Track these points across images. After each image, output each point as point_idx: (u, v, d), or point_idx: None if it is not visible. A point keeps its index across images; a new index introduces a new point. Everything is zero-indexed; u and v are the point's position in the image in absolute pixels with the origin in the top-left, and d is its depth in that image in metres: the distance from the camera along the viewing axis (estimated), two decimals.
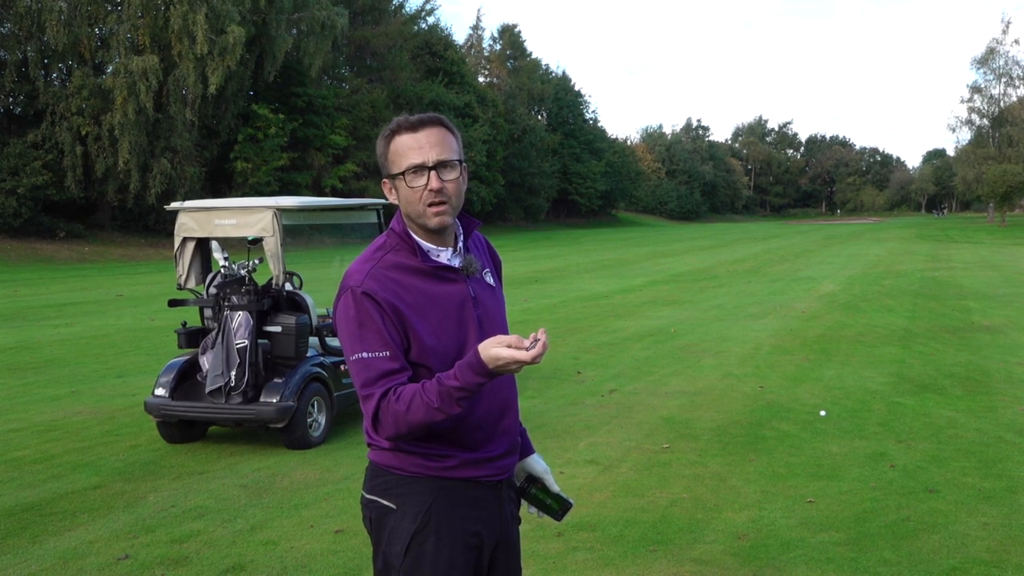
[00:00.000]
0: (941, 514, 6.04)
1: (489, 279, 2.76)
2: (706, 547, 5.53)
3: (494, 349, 2.38)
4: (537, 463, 2.98)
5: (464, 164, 2.63)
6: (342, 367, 8.63)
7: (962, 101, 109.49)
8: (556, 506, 2.95)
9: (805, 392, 10.06)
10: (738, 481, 6.87)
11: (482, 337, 2.56)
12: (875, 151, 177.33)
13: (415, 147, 2.54)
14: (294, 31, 52.04)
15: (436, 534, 2.59)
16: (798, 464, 7.28)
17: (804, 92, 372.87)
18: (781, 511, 6.16)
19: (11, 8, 41.85)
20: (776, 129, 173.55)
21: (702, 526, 5.91)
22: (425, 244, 2.60)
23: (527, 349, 2.37)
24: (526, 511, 2.95)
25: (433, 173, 2.52)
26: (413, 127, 2.57)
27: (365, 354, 2.48)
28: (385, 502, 2.64)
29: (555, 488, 2.95)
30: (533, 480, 2.93)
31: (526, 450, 2.98)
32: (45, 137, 41.76)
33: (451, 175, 2.56)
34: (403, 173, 2.53)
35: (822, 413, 8.98)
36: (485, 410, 2.62)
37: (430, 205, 2.53)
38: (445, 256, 2.63)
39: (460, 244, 2.68)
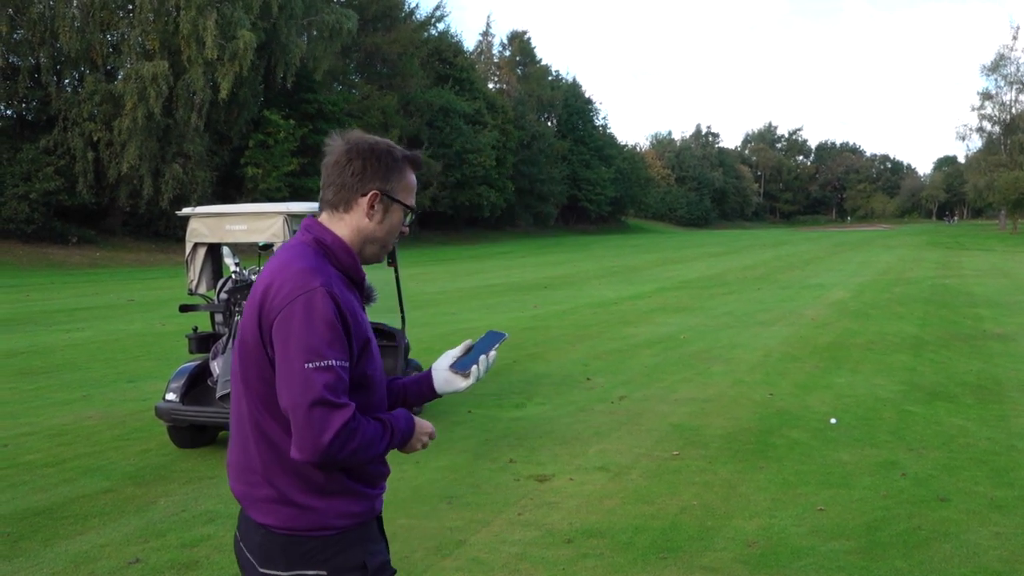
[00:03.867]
0: (953, 523, 6.02)
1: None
2: (716, 555, 5.52)
3: (429, 426, 2.59)
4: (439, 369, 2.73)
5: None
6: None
7: (973, 108, 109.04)
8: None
9: (815, 400, 10.04)
10: (748, 489, 6.86)
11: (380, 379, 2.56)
12: (885, 158, 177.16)
13: (414, 189, 2.59)
14: (304, 36, 52.18)
15: None
16: (808, 472, 7.26)
17: (814, 99, 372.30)
18: (791, 519, 6.15)
19: (25, 14, 42.03)
20: (786, 136, 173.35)
21: (712, 533, 5.90)
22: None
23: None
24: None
25: (410, 218, 2.61)
26: (418, 167, 2.61)
27: (334, 362, 2.25)
28: (312, 572, 2.36)
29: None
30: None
31: (424, 379, 2.74)
32: (57, 143, 41.88)
33: None
34: (408, 207, 2.55)
35: (832, 421, 8.96)
36: None
37: (391, 243, 2.58)
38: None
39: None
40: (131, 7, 44.13)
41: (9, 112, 44.87)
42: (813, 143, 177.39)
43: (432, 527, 6.02)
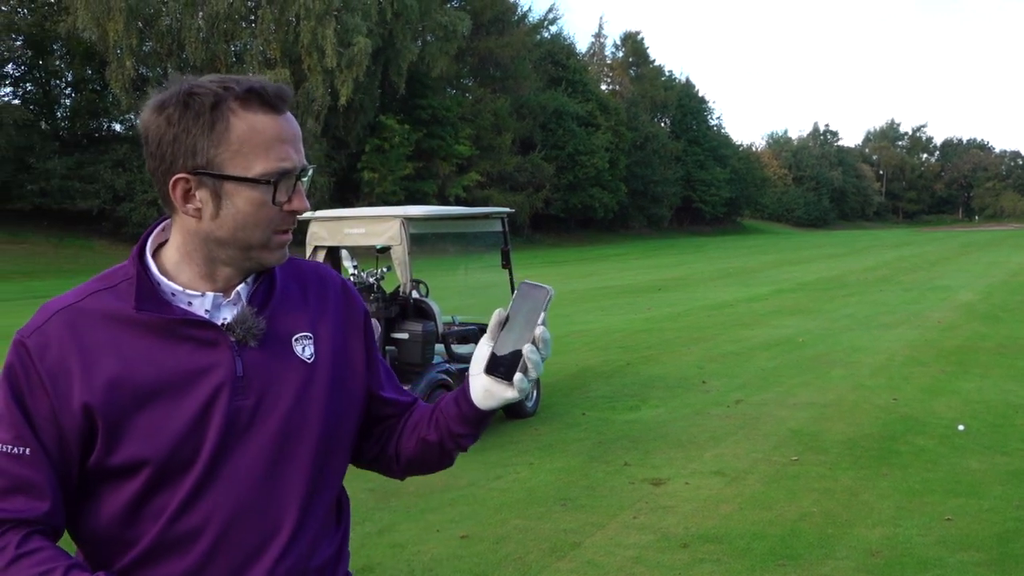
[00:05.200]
0: None
1: (302, 349, 1.72)
2: (837, 563, 5.39)
3: None
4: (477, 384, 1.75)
5: None
6: (467, 374, 8.73)
7: None
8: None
9: (942, 405, 9.72)
10: (871, 496, 6.68)
11: (232, 457, 1.61)
12: (1016, 154, 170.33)
13: (282, 140, 1.61)
14: (419, 42, 52.93)
15: None
16: (935, 480, 7.03)
17: (939, 94, 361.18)
18: (917, 528, 5.96)
19: (153, 27, 43.65)
20: (909, 133, 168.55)
21: (833, 542, 5.76)
22: (170, 284, 1.64)
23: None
24: None
25: (299, 185, 1.66)
26: (274, 105, 1.60)
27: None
28: None
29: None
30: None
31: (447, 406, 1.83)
32: None
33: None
34: (257, 180, 1.58)
35: (960, 427, 8.66)
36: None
37: (282, 232, 1.66)
38: (200, 304, 1.65)
39: (243, 288, 1.69)
40: (253, 18, 45.50)
41: (139, 121, 46.67)
42: (938, 140, 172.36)
43: (547, 529, 6.03)
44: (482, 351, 1.71)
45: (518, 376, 1.64)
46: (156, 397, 1.58)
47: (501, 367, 1.66)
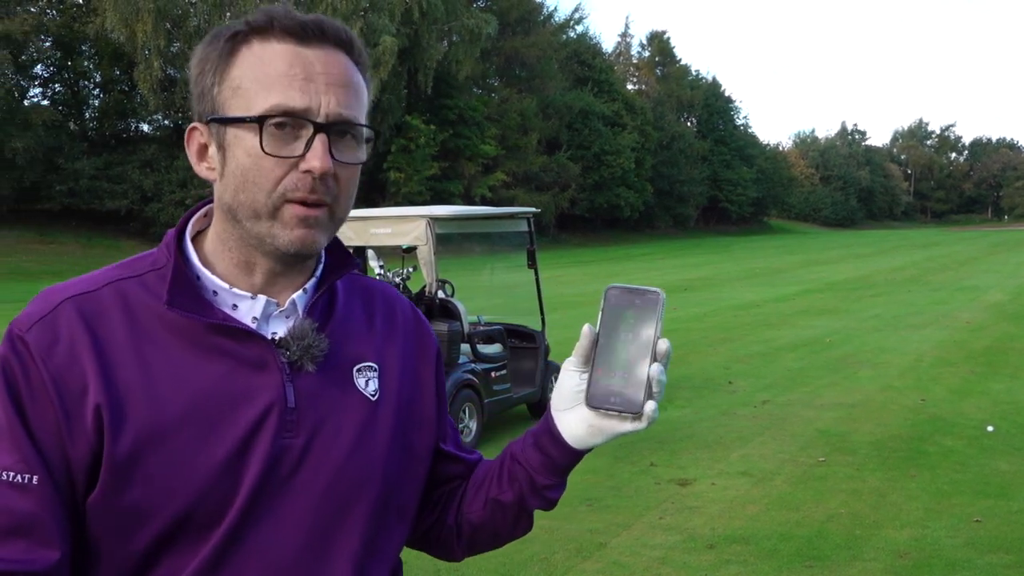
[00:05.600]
0: None
1: (365, 382, 1.37)
2: (865, 565, 5.36)
3: None
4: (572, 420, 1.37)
5: (373, 142, 1.36)
6: (493, 374, 8.74)
7: None
8: None
9: (971, 406, 9.65)
10: (899, 497, 6.64)
11: (270, 513, 1.25)
12: None
13: (296, 73, 1.24)
14: (444, 42, 53.02)
15: None
16: (964, 481, 6.98)
17: (968, 93, 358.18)
18: (945, 530, 5.92)
19: (181, 27, 43.93)
20: (938, 132, 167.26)
21: (861, 543, 5.73)
22: (213, 278, 1.30)
23: None
24: None
25: (322, 139, 1.24)
26: (298, 33, 1.26)
27: None
28: None
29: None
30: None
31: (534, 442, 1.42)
32: None
33: (352, 154, 1.30)
34: (255, 120, 1.23)
35: (990, 428, 8.59)
36: None
37: (296, 202, 1.24)
38: (249, 310, 1.31)
39: (300, 296, 1.34)
40: None
41: (167, 122, 46.94)
42: (967, 139, 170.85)
43: (572, 529, 6.03)
44: (573, 381, 1.33)
45: (650, 406, 1.28)
46: (182, 426, 1.21)
47: (613, 397, 1.29)
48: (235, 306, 1.30)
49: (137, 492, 1.19)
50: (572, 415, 1.34)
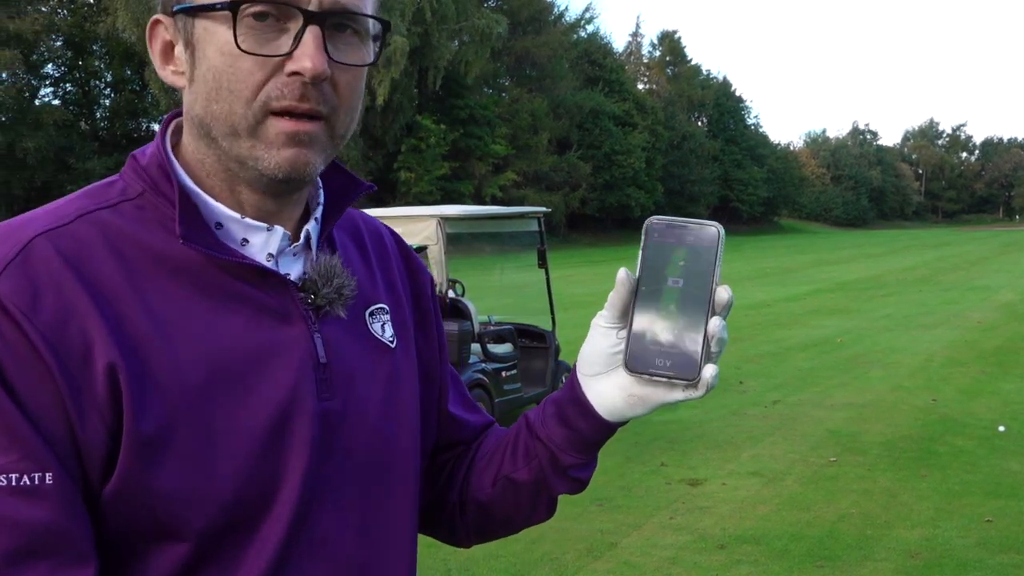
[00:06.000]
0: None
1: (381, 327, 1.19)
2: (876, 565, 5.35)
3: None
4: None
5: (382, 40, 1.07)
6: (503, 374, 8.75)
7: None
8: None
9: (982, 406, 9.62)
10: (910, 497, 6.63)
11: (326, 496, 1.06)
12: None
13: None
14: (455, 42, 53.06)
15: None
16: (975, 481, 6.96)
17: (979, 93, 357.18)
18: (957, 530, 5.91)
19: None
20: (949, 132, 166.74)
21: (872, 543, 5.72)
22: (218, 206, 1.05)
23: None
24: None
25: (315, 32, 0.98)
26: None
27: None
28: None
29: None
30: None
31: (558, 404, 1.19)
32: None
33: (354, 53, 1.03)
34: (227, 6, 0.97)
35: (1001, 428, 8.57)
36: None
37: (282, 113, 1.00)
38: (263, 245, 1.08)
39: (313, 227, 1.13)
40: None
41: None
42: (978, 139, 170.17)
43: (583, 529, 6.03)
44: (607, 340, 1.08)
45: (710, 370, 1.03)
46: (211, 391, 0.97)
47: (660, 358, 1.04)
48: (245, 240, 1.05)
49: (171, 477, 0.94)
50: (606, 382, 1.10)
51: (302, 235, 1.11)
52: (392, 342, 1.18)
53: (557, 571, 5.31)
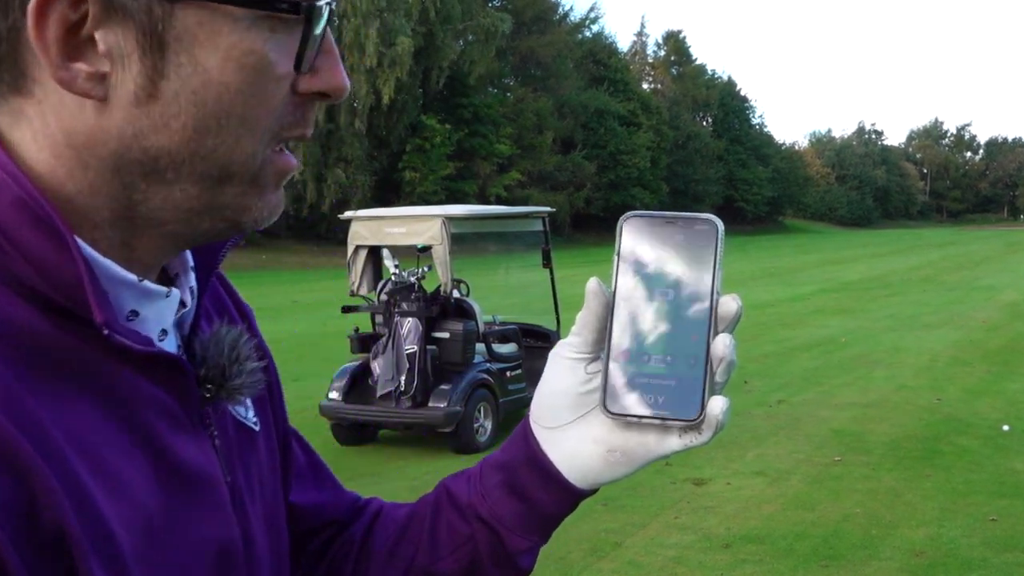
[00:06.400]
0: None
1: (245, 408, 0.85)
2: (881, 564, 5.36)
3: None
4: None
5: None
6: (508, 374, 8.77)
7: None
8: None
9: (986, 406, 9.62)
10: (914, 497, 6.64)
11: None
12: None
13: None
14: (460, 41, 53.10)
15: None
16: (979, 481, 6.97)
17: (983, 92, 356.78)
18: (961, 529, 5.92)
19: None
20: (953, 132, 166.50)
21: (877, 542, 5.73)
22: (110, 264, 0.67)
23: None
24: None
25: (330, 39, 0.77)
26: None
27: None
28: None
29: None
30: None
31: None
32: None
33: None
34: (297, 6, 0.69)
35: (1005, 428, 8.58)
36: None
37: (280, 147, 0.75)
38: (158, 318, 0.73)
39: (189, 284, 0.79)
40: None
41: None
42: (983, 138, 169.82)
43: (588, 529, 6.04)
44: (574, 376, 0.81)
45: (717, 404, 0.75)
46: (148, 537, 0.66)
47: (648, 394, 0.76)
48: (134, 312, 0.70)
49: None
50: (576, 434, 0.81)
51: (185, 296, 0.77)
52: (256, 424, 0.87)
53: (562, 570, 5.33)
